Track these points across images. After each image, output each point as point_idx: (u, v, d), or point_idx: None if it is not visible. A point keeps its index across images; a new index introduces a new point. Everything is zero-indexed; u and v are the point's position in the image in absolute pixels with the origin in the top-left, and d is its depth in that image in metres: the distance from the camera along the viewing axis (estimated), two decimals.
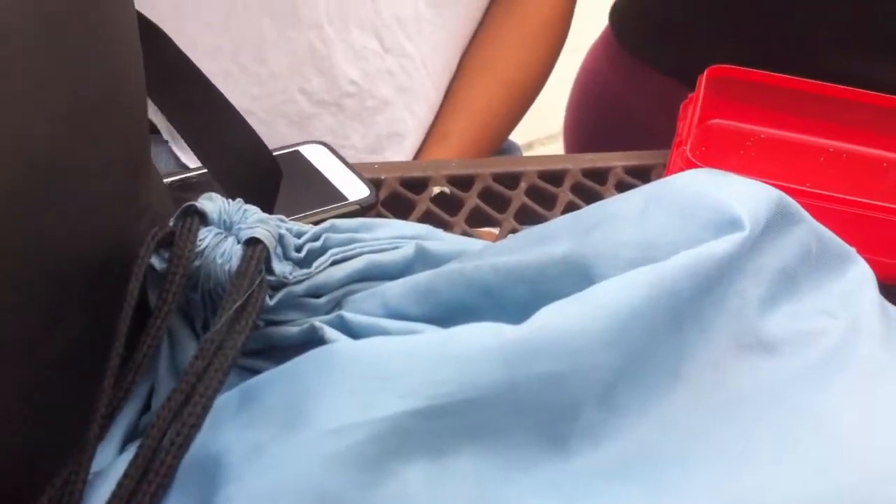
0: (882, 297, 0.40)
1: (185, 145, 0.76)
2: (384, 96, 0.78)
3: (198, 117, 0.45)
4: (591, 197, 0.62)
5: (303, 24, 0.74)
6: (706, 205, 0.36)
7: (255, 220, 0.35)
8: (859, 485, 0.32)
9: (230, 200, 0.36)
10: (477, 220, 0.60)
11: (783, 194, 0.38)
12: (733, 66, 0.67)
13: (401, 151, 0.79)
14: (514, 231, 0.59)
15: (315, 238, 0.37)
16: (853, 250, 0.41)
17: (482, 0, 0.83)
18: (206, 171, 0.46)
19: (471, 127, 0.81)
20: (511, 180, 0.63)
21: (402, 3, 0.76)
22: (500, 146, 0.86)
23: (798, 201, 0.39)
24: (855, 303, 0.38)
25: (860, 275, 0.40)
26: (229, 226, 0.35)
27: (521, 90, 0.84)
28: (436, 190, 0.61)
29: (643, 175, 0.65)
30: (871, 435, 0.34)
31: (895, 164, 0.65)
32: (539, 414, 0.31)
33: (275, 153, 0.55)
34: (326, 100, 0.77)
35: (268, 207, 0.44)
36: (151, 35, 0.41)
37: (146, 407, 0.35)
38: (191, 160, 0.74)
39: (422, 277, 0.36)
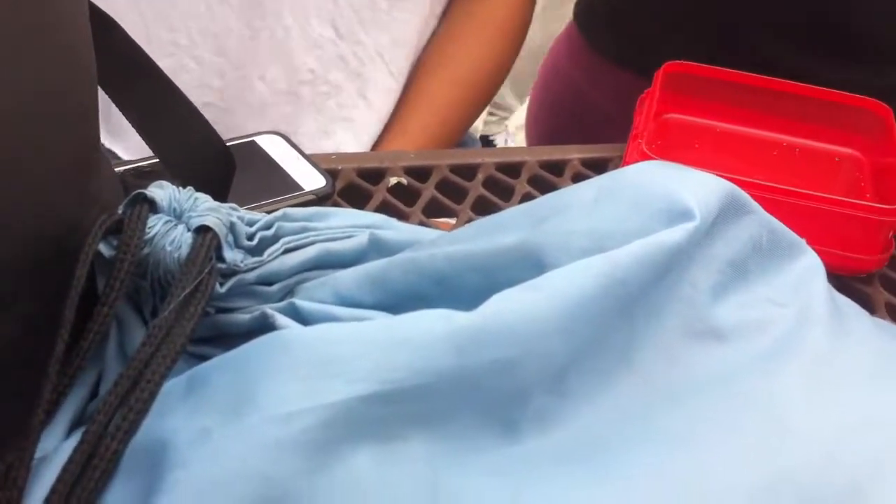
0: (830, 287, 0.40)
1: (120, 141, 0.76)
2: (336, 81, 0.78)
3: (150, 108, 0.45)
4: (548, 189, 0.62)
5: (267, 14, 0.74)
6: (658, 195, 0.36)
7: (205, 209, 0.34)
8: (804, 468, 0.33)
9: (181, 188, 0.35)
10: (434, 211, 0.59)
11: (734, 186, 0.39)
12: (689, 62, 0.68)
13: (354, 138, 0.80)
14: (471, 221, 0.59)
15: (267, 226, 0.37)
16: (803, 241, 0.41)
17: (441, 4, 0.84)
18: (158, 160, 0.46)
19: (429, 122, 0.81)
20: (468, 172, 0.63)
21: None
22: (459, 140, 0.86)
23: (750, 193, 0.40)
24: (804, 292, 0.39)
25: (809, 265, 0.40)
26: (179, 214, 0.35)
27: (479, 88, 0.85)
28: (393, 181, 0.61)
29: (600, 168, 0.65)
30: (816, 421, 0.34)
31: (847, 158, 0.66)
32: (490, 399, 0.31)
33: (230, 143, 0.54)
34: (284, 88, 0.77)
35: (221, 197, 0.43)
36: (103, 26, 0.40)
37: (94, 394, 0.34)
38: (129, 156, 0.73)
39: (374, 266, 0.36)
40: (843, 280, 0.56)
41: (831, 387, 0.36)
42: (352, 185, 0.60)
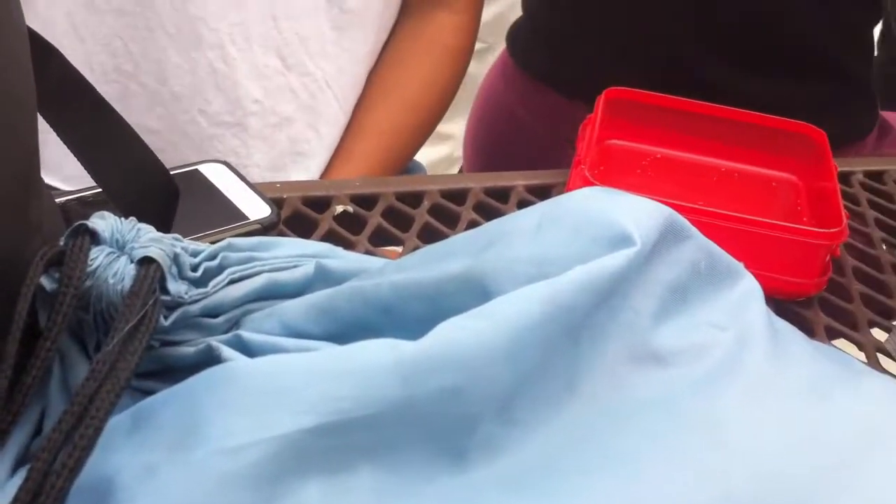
0: (769, 310, 0.41)
1: (57, 172, 0.74)
2: (286, 113, 0.78)
3: (91, 135, 0.44)
4: (493, 215, 0.62)
5: (204, 44, 0.73)
6: (599, 221, 0.37)
7: (148, 239, 0.34)
8: (750, 487, 0.33)
9: (123, 219, 0.35)
10: (380, 239, 0.60)
11: (673, 211, 0.40)
12: (629, 89, 0.69)
13: (305, 171, 0.79)
14: (417, 249, 0.59)
15: (212, 257, 0.36)
16: (741, 265, 0.42)
17: (386, 27, 0.84)
18: (101, 190, 0.45)
19: (376, 148, 0.81)
20: (414, 199, 0.63)
21: (305, 23, 0.76)
22: (405, 167, 0.86)
23: (690, 219, 0.41)
24: (743, 316, 0.40)
25: (748, 289, 0.41)
26: (122, 245, 0.34)
27: (425, 112, 0.85)
28: (339, 209, 0.61)
29: (544, 194, 0.66)
30: (759, 440, 0.35)
31: (784, 183, 0.68)
32: (437, 428, 0.31)
33: (173, 172, 0.54)
34: (229, 121, 0.76)
35: (164, 227, 0.43)
36: (44, 53, 0.40)
37: (38, 430, 0.34)
38: (68, 188, 0.72)
39: (321, 296, 0.36)
40: (783, 304, 0.57)
41: (771, 407, 0.37)
42: (297, 213, 0.60)
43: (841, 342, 0.56)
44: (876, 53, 0.97)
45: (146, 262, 0.34)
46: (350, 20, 0.78)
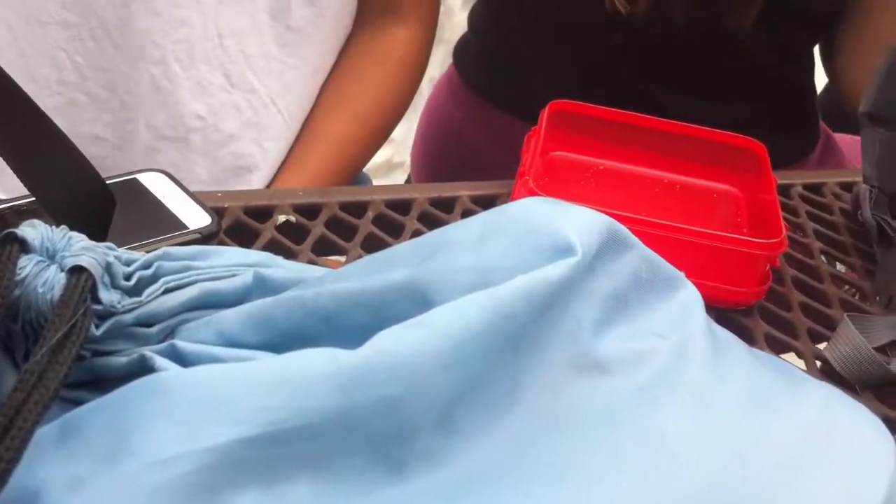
0: (709, 319, 0.41)
1: None
2: (230, 130, 0.77)
3: (24, 143, 0.43)
4: (437, 226, 0.62)
5: (148, 59, 0.72)
6: (540, 231, 0.37)
7: (79, 248, 0.33)
8: (693, 495, 0.33)
9: (54, 228, 0.34)
10: (323, 249, 0.59)
11: (614, 221, 0.40)
12: (573, 101, 0.69)
13: (247, 185, 0.79)
14: None
15: (146, 266, 0.36)
16: (682, 274, 0.42)
17: (336, 43, 0.84)
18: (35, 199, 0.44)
19: (326, 157, 0.81)
20: (358, 209, 0.63)
21: (250, 40, 0.75)
22: (355, 178, 0.86)
23: (632, 229, 0.41)
24: (683, 324, 0.40)
25: (688, 298, 0.41)
26: (52, 254, 0.33)
27: (377, 124, 0.85)
28: (281, 219, 0.60)
29: (488, 204, 0.66)
30: (701, 448, 0.35)
31: (725, 195, 0.68)
32: (376, 438, 0.31)
33: (111, 181, 0.53)
34: (171, 135, 0.75)
35: (99, 236, 0.42)
36: None
37: None
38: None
39: (259, 305, 0.36)
40: (724, 312, 0.58)
41: (712, 415, 0.37)
42: (239, 223, 0.59)
43: (780, 350, 0.56)
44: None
45: (77, 270, 0.33)
46: (295, 38, 0.78)
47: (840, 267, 0.67)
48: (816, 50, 0.95)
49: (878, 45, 0.74)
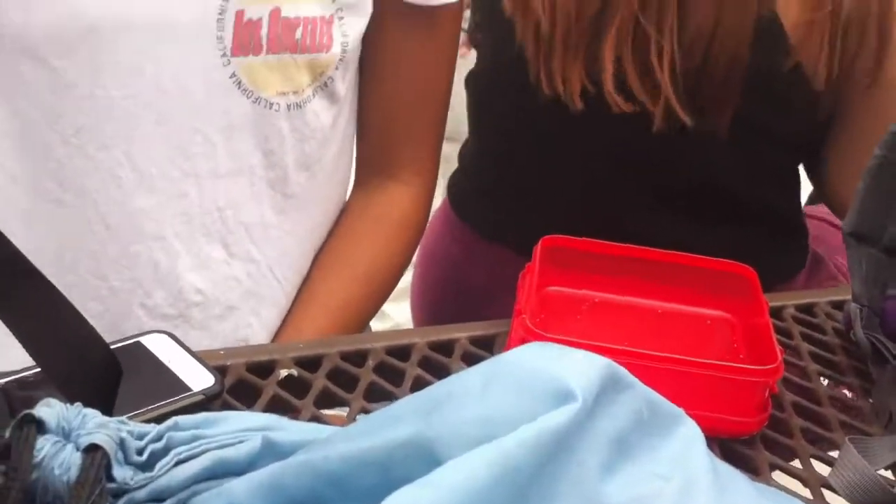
0: (711, 454, 0.42)
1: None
2: (230, 302, 0.77)
3: (29, 313, 0.44)
4: (438, 370, 0.63)
5: (146, 236, 0.72)
6: (540, 378, 0.38)
7: (94, 426, 0.34)
8: None
9: (69, 406, 0.35)
10: (325, 402, 0.59)
11: (612, 362, 0.41)
12: (565, 236, 0.71)
13: None
14: (363, 411, 0.59)
15: (157, 438, 0.36)
16: (681, 411, 0.43)
17: (330, 204, 0.84)
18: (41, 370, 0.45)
19: (324, 323, 0.80)
20: (358, 358, 0.63)
21: (248, 210, 0.76)
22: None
23: (630, 363, 0.41)
24: (686, 463, 0.40)
25: (690, 434, 0.42)
26: (68, 433, 0.34)
27: (377, 285, 0.85)
28: (283, 373, 0.61)
29: (487, 344, 0.67)
30: None
31: (718, 321, 0.69)
32: None
33: (115, 345, 0.54)
34: (171, 313, 0.75)
35: (108, 406, 0.43)
36: None
37: None
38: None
39: (268, 472, 0.36)
40: (726, 443, 0.58)
41: None
42: (241, 380, 0.60)
43: (785, 478, 0.56)
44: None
45: (92, 449, 0.33)
46: (292, 203, 0.78)
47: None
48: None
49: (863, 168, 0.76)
